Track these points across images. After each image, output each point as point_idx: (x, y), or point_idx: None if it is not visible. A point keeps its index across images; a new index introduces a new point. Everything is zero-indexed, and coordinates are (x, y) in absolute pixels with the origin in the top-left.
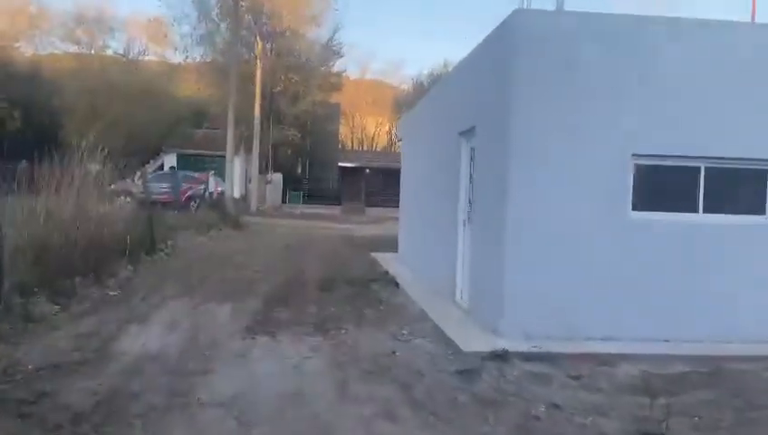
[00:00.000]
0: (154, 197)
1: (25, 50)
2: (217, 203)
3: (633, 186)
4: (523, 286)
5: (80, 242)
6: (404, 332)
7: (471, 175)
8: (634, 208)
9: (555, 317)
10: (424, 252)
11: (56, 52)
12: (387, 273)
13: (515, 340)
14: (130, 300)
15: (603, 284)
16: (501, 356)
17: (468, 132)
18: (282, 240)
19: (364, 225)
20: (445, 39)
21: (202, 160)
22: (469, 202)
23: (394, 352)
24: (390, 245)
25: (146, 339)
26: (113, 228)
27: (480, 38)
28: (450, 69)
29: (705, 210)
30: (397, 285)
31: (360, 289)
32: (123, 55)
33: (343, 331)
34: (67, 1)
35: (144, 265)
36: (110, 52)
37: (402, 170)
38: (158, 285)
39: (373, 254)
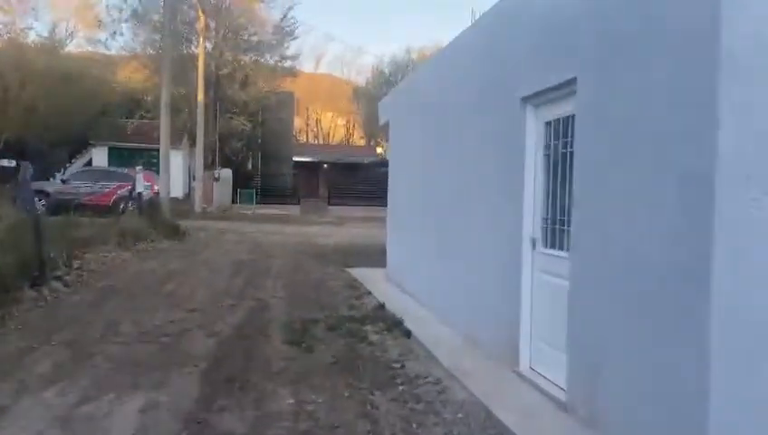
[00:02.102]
0: (77, 198)
1: None
2: (151, 206)
3: None
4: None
5: None
6: None
7: (551, 165)
8: None
9: None
10: (441, 277)
11: None
12: (382, 307)
13: None
14: None
15: None
16: None
17: (547, 94)
18: (232, 254)
19: (329, 227)
20: (405, 26)
21: (138, 155)
22: (548, 210)
23: None
24: (370, 256)
25: None
26: None
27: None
28: (414, 55)
29: None
30: (407, 333)
31: (353, 342)
32: (47, 38)
33: None
34: None
35: (23, 308)
36: (33, 35)
37: (392, 163)
38: (27, 353)
39: (351, 271)
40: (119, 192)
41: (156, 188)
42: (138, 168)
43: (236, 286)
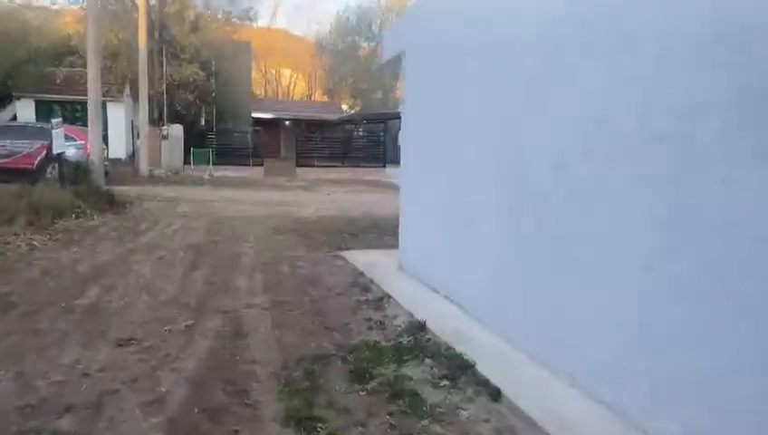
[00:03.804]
0: None
1: None
2: (80, 170)
3: None
4: None
5: None
6: None
7: None
8: None
9: None
10: (543, 289)
11: None
12: (421, 326)
13: None
14: None
15: None
16: None
17: None
18: (186, 233)
19: (301, 193)
20: None
21: (71, 108)
22: None
23: None
24: (363, 232)
25: None
26: None
27: None
28: (383, 2)
29: None
30: (493, 393)
31: (402, 412)
32: None
33: None
34: None
35: None
36: None
37: (412, 110)
38: None
39: (349, 257)
40: (45, 153)
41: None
42: (54, 120)
43: (194, 289)
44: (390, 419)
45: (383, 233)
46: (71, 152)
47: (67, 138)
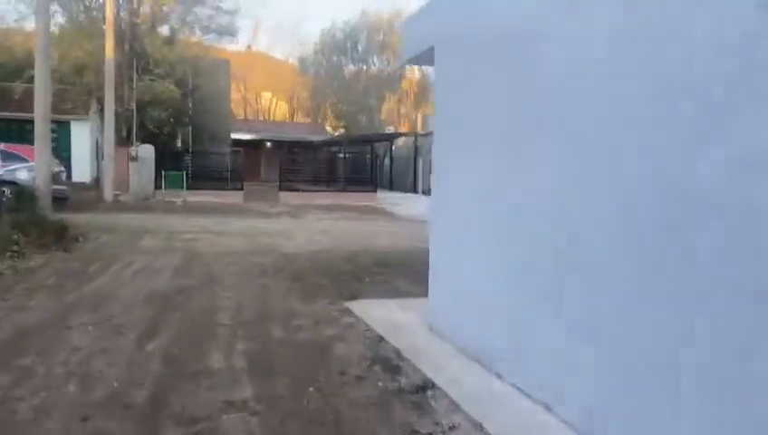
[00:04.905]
0: None
1: None
2: (24, 197)
3: None
4: None
5: None
6: None
7: None
8: None
9: None
10: None
11: None
12: None
13: None
14: None
15: None
16: None
17: None
18: (148, 276)
19: (287, 221)
20: None
21: (30, 127)
22: None
23: None
24: (369, 272)
25: None
26: None
27: None
28: (371, 19)
29: None
30: None
31: None
32: None
33: None
34: None
35: None
36: None
37: (444, 116)
38: None
39: (358, 310)
40: None
41: (56, 170)
42: None
43: (148, 374)
44: None
45: (392, 273)
46: (22, 175)
47: (18, 159)
